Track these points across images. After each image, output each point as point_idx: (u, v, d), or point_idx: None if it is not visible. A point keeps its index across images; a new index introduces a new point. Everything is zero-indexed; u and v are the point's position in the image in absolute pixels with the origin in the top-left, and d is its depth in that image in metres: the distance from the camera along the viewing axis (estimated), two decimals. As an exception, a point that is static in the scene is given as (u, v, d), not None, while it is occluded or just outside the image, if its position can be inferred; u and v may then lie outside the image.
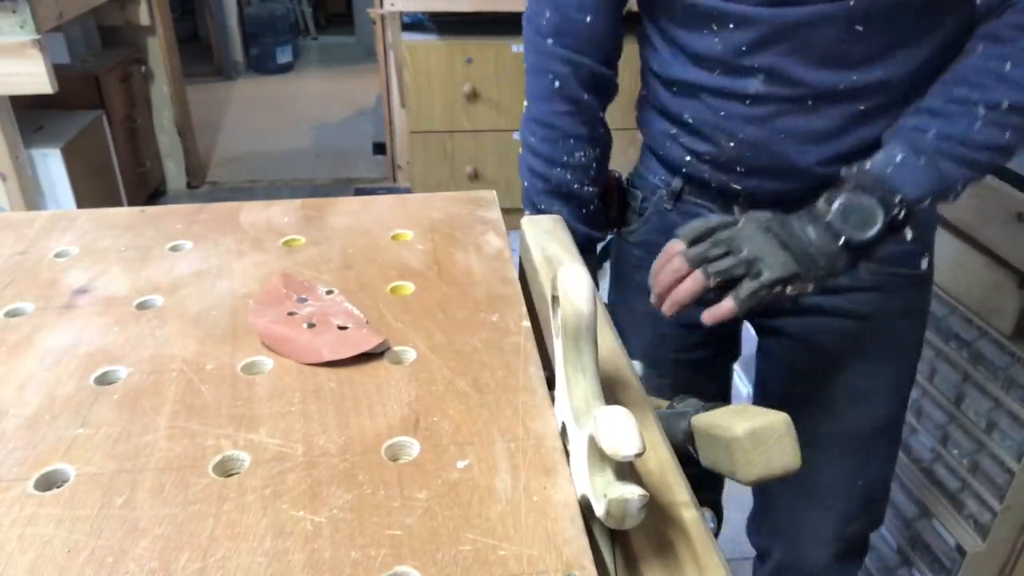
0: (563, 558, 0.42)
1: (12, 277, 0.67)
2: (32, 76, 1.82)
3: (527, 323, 0.61)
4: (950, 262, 1.16)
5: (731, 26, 0.76)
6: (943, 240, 1.17)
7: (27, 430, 0.49)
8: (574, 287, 0.50)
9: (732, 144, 0.83)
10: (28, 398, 0.52)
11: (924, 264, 0.87)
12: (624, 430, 0.40)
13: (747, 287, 0.72)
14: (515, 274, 0.68)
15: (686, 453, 0.54)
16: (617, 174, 0.99)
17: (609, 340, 0.62)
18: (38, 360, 0.56)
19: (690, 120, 0.86)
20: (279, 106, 4.27)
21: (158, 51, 2.89)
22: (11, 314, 0.62)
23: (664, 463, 0.50)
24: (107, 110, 2.60)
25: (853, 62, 0.75)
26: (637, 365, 0.59)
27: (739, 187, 0.86)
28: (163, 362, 0.56)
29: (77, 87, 2.49)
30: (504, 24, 2.43)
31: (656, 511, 0.45)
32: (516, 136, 1.03)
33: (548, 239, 0.74)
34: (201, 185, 3.25)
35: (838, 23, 0.72)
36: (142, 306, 0.63)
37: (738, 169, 0.84)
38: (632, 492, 0.40)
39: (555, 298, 0.52)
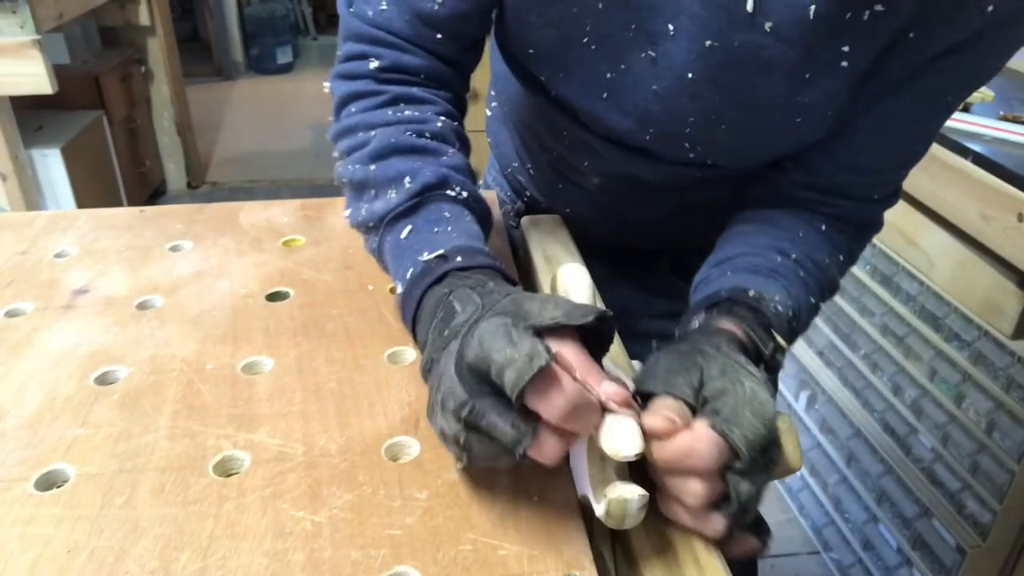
0: (563, 558, 0.42)
1: (12, 277, 0.66)
2: (32, 76, 1.82)
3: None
4: (950, 262, 1.16)
5: (604, 156, 0.69)
6: (943, 241, 1.17)
7: (27, 430, 0.49)
8: (574, 285, 0.50)
9: (568, 210, 0.80)
10: (28, 398, 0.52)
11: None
12: (624, 430, 0.40)
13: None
14: (515, 273, 0.68)
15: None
16: None
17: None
18: (38, 360, 0.56)
19: (532, 172, 0.81)
20: (279, 106, 4.27)
21: (158, 51, 2.89)
22: (11, 314, 0.62)
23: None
24: (107, 110, 2.60)
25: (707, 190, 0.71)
26: (636, 365, 0.59)
27: (574, 225, 0.79)
28: (163, 362, 0.56)
29: (77, 87, 2.49)
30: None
31: (656, 510, 0.45)
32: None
33: (548, 239, 0.74)
34: (201, 185, 3.25)
35: (711, 183, 0.69)
36: (142, 306, 0.63)
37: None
38: (632, 492, 0.40)
39: (555, 298, 0.52)
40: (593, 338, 0.43)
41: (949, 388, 1.22)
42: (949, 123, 1.19)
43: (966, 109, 1.26)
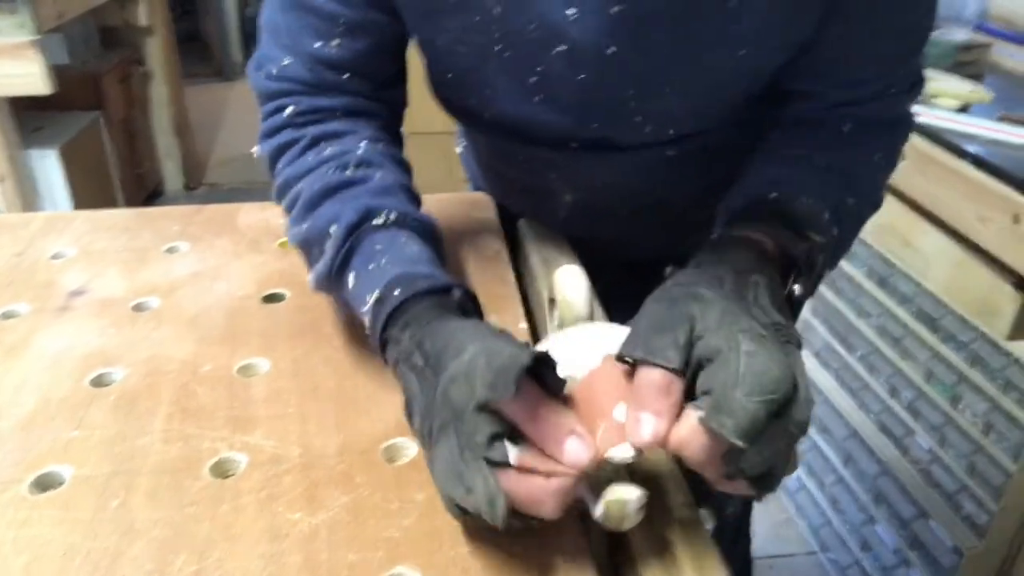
0: (561, 560, 0.42)
1: (8, 279, 0.66)
2: (31, 77, 1.82)
3: (525, 324, 0.61)
4: (947, 263, 1.16)
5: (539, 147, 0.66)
6: (940, 242, 1.17)
7: (23, 432, 0.49)
8: (571, 288, 0.50)
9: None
10: (24, 400, 0.52)
11: None
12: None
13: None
14: (512, 276, 0.68)
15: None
16: None
17: (606, 341, 0.61)
18: (34, 362, 0.56)
19: (511, 207, 0.79)
20: (277, 107, 4.26)
21: (157, 52, 2.88)
22: (7, 316, 0.61)
23: (661, 463, 0.50)
24: (105, 111, 2.59)
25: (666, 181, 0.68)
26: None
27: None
28: (159, 364, 0.56)
29: (76, 88, 2.48)
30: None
31: (655, 511, 0.45)
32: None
33: (545, 242, 0.73)
34: (199, 186, 3.25)
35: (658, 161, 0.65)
36: (139, 308, 0.63)
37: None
38: (630, 493, 0.39)
39: (552, 299, 0.52)
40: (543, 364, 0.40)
41: (945, 389, 1.22)
42: (946, 124, 1.19)
43: (964, 110, 1.26)
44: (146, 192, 3.02)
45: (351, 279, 0.52)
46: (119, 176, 2.69)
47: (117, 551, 0.41)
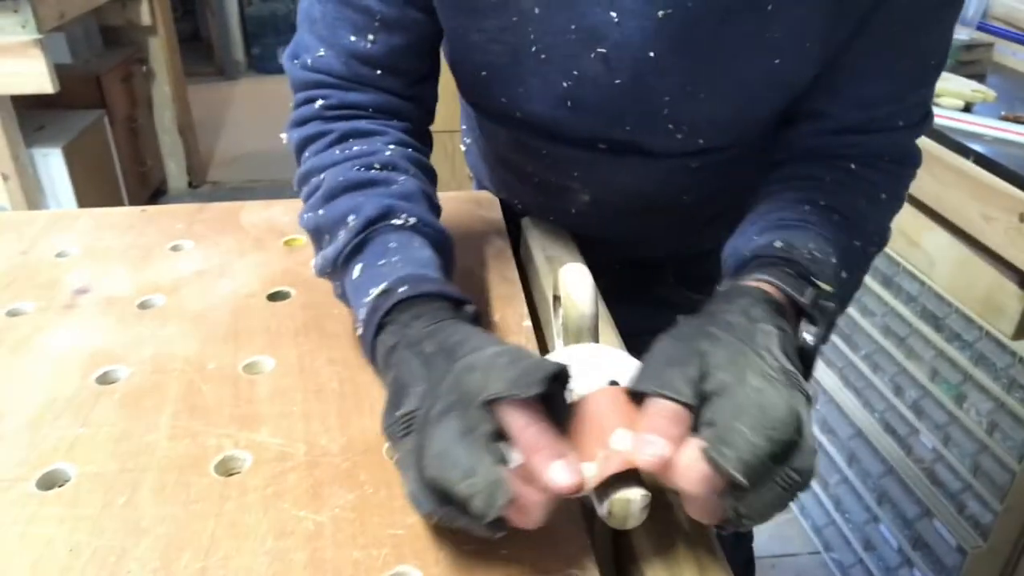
0: (564, 558, 0.42)
1: (13, 277, 0.66)
2: (33, 76, 1.82)
3: (528, 323, 0.61)
4: (951, 262, 1.16)
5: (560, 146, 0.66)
6: (944, 241, 1.17)
7: (28, 430, 0.49)
8: (576, 286, 0.50)
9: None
10: (29, 398, 0.52)
11: None
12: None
13: None
14: (516, 274, 0.68)
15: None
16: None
17: (611, 339, 0.62)
18: (39, 360, 0.56)
19: (519, 205, 0.78)
20: (280, 106, 4.25)
21: (159, 51, 2.89)
22: (12, 314, 0.62)
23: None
24: (108, 110, 2.60)
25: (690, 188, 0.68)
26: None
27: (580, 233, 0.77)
28: (164, 362, 0.56)
29: (78, 87, 2.49)
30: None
31: (657, 511, 0.45)
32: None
33: (549, 239, 0.73)
34: (202, 185, 3.25)
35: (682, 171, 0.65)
36: (143, 306, 0.63)
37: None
38: (635, 492, 0.39)
39: (556, 298, 0.52)
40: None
41: (950, 388, 1.22)
42: (950, 123, 1.19)
43: (967, 109, 1.26)
44: (150, 190, 3.02)
45: (357, 269, 0.52)
46: (123, 174, 2.69)
47: (123, 549, 0.41)
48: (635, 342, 0.49)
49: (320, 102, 0.59)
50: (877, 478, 1.38)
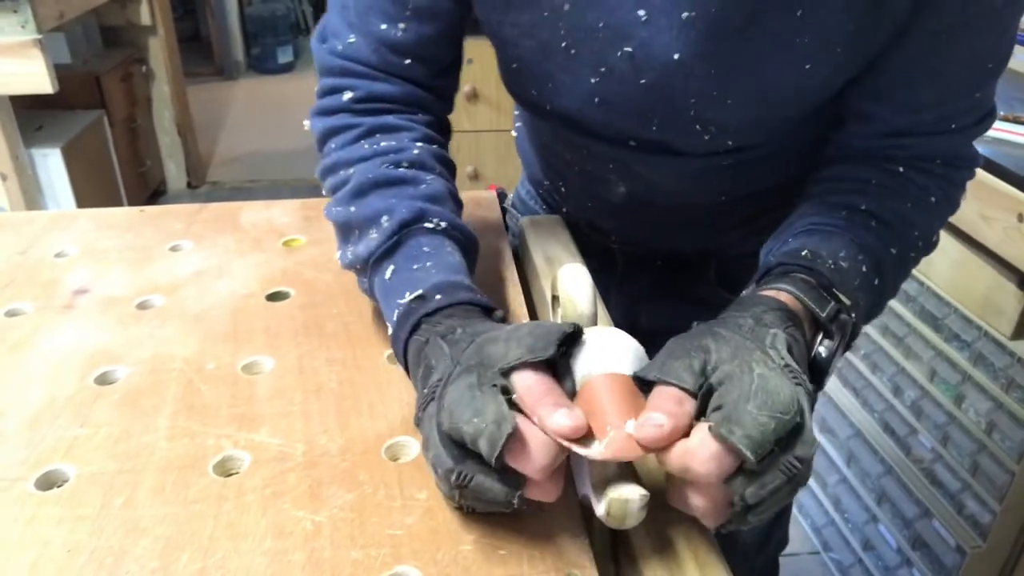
0: (563, 558, 0.42)
1: (12, 277, 0.67)
2: (33, 76, 1.82)
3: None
4: (950, 262, 1.16)
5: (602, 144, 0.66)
6: (943, 241, 1.17)
7: (27, 430, 0.49)
8: (575, 286, 0.50)
9: (603, 224, 0.78)
10: (28, 398, 0.52)
11: None
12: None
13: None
14: (516, 273, 0.68)
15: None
16: (500, 190, 0.86)
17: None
18: (38, 360, 0.56)
19: (563, 189, 0.79)
20: (280, 106, 4.27)
21: (159, 51, 2.89)
22: (11, 314, 0.62)
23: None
24: (108, 110, 2.60)
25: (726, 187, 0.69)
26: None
27: (614, 236, 0.79)
28: (163, 362, 0.56)
29: (78, 87, 2.49)
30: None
31: (656, 511, 0.45)
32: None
33: (548, 240, 0.73)
34: (201, 185, 3.25)
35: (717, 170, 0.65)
36: (142, 306, 0.63)
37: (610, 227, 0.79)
38: (633, 492, 0.39)
39: (555, 298, 0.52)
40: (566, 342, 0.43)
41: (949, 388, 1.22)
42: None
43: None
44: (149, 191, 3.02)
45: (389, 271, 0.53)
46: (122, 175, 2.69)
47: (122, 549, 0.41)
48: (667, 340, 0.50)
49: (348, 94, 0.60)
50: (876, 478, 1.38)
